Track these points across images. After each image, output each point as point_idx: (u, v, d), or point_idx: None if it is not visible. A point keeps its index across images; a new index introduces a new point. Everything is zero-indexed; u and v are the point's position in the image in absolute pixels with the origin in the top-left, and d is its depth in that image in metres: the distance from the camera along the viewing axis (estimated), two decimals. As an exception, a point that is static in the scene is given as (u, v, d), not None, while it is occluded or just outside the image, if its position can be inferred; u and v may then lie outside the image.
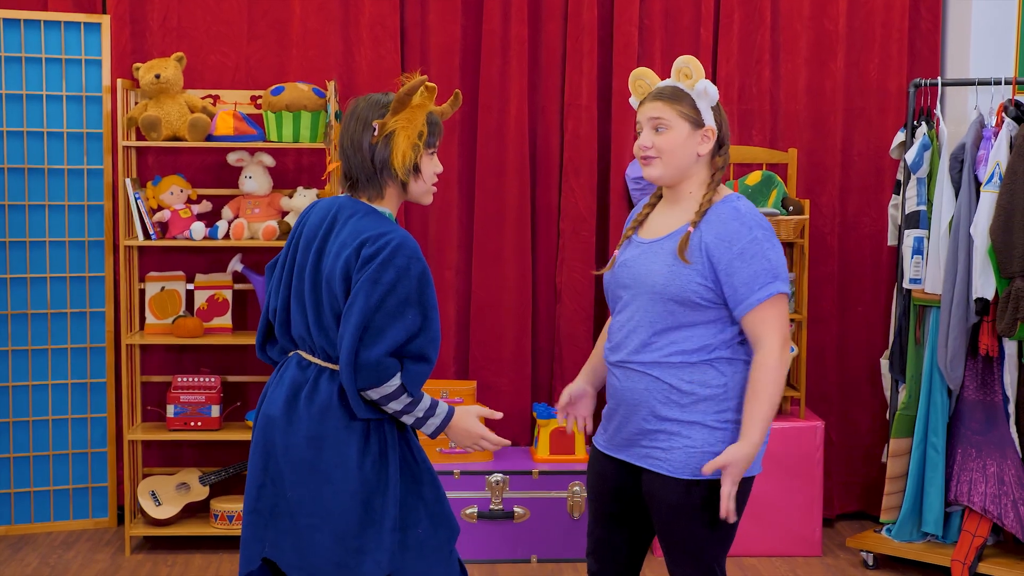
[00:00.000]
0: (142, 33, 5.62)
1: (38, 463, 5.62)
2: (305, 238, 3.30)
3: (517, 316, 5.77)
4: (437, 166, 3.33)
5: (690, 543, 3.27)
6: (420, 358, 3.21)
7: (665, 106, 3.27)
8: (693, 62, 3.27)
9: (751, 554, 5.42)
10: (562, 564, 5.31)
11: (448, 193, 5.75)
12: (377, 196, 3.27)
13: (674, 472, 3.23)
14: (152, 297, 5.53)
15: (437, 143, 3.31)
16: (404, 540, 3.26)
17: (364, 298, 3.11)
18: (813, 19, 5.83)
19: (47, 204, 5.56)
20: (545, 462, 5.43)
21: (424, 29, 5.71)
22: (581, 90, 5.69)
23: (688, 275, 3.19)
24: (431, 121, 3.28)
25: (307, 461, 3.22)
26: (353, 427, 3.21)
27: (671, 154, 3.26)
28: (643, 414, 3.26)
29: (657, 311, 3.23)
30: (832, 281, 5.89)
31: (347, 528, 3.20)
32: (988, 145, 4.99)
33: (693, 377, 3.23)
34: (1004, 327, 4.82)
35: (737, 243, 3.18)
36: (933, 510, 5.20)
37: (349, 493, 3.19)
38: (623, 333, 3.31)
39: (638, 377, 3.27)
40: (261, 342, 3.47)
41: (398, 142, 3.21)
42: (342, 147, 3.28)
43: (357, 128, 3.25)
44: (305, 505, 3.23)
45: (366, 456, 3.22)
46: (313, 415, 3.22)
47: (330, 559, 3.22)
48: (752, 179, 5.55)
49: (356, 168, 3.26)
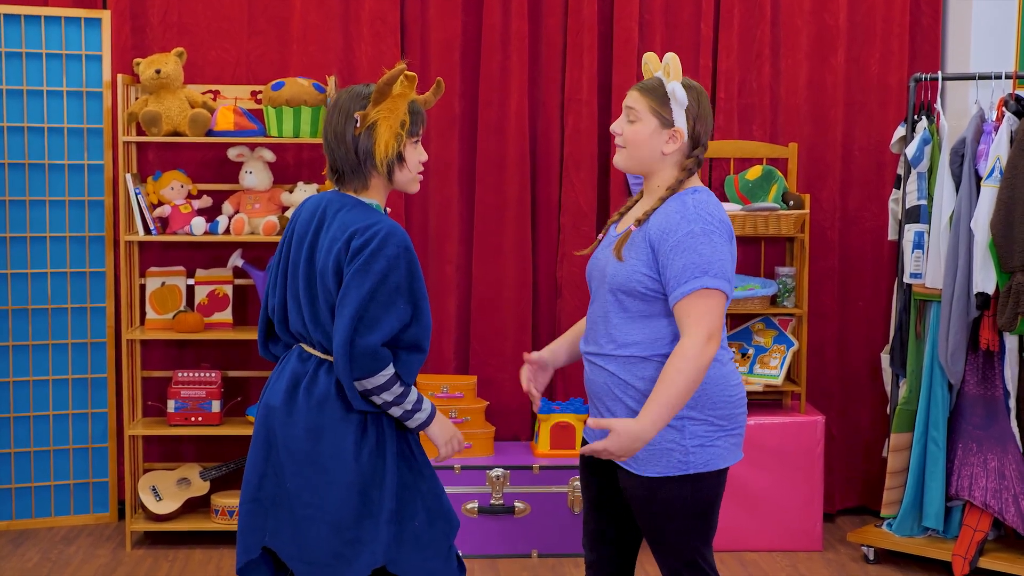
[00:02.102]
0: (142, 28, 5.62)
1: (39, 458, 5.62)
2: (297, 235, 3.33)
3: (517, 311, 5.77)
4: (422, 154, 3.35)
5: (668, 537, 3.29)
6: (414, 347, 3.24)
7: (640, 97, 3.27)
8: (674, 62, 3.24)
9: (752, 549, 5.42)
10: (563, 559, 5.31)
11: (448, 188, 5.75)
12: (363, 188, 3.30)
13: (639, 470, 3.25)
14: (152, 292, 5.53)
15: (421, 131, 3.33)
16: (400, 533, 3.28)
17: (356, 288, 3.14)
18: (814, 14, 5.82)
19: (47, 199, 5.56)
20: (546, 457, 5.43)
21: (424, 24, 5.71)
22: (581, 85, 5.69)
23: (633, 266, 3.22)
24: (413, 110, 3.30)
25: (305, 452, 3.25)
26: (350, 419, 3.24)
27: (635, 146, 3.28)
28: (607, 406, 3.29)
29: (610, 303, 3.26)
30: (833, 276, 5.89)
31: (344, 519, 3.22)
32: (988, 140, 4.99)
33: (645, 374, 3.22)
34: (1005, 322, 4.82)
35: (673, 236, 3.17)
36: (934, 505, 5.20)
37: (346, 484, 3.22)
38: (590, 325, 3.37)
39: (598, 371, 3.31)
40: (263, 340, 3.50)
41: (380, 132, 3.23)
42: (326, 140, 3.30)
43: (340, 120, 3.27)
44: (302, 496, 3.25)
45: (363, 447, 3.24)
46: (312, 406, 3.25)
47: (327, 550, 3.24)
48: (752, 174, 5.55)
49: (341, 160, 3.28)
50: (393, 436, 3.29)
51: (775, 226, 5.37)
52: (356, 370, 3.16)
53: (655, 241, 3.20)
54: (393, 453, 3.28)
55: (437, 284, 5.78)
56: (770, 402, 5.63)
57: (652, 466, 3.22)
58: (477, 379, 5.64)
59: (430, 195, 5.75)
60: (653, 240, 3.20)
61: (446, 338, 5.79)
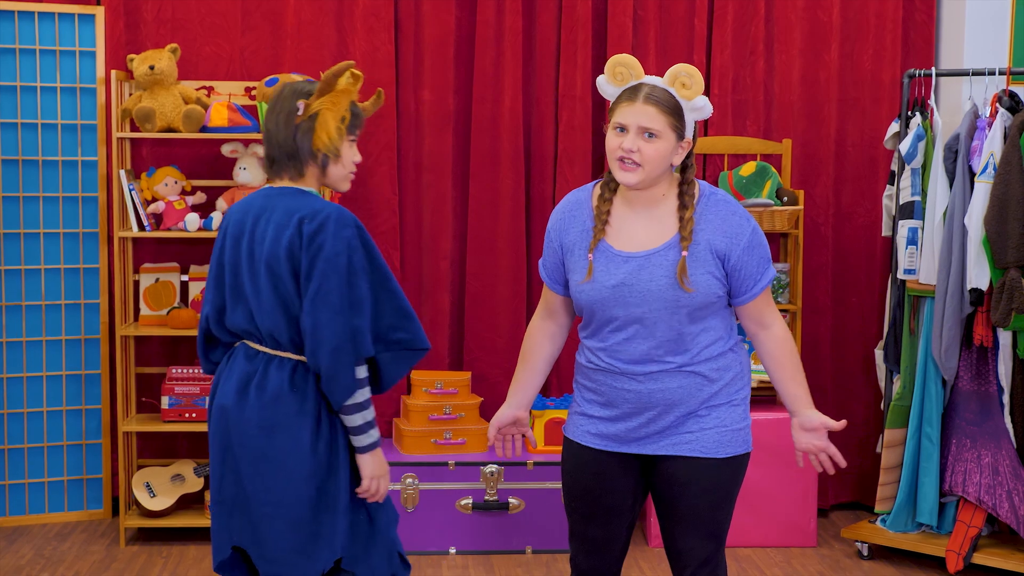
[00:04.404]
0: (136, 24, 5.61)
1: (33, 455, 5.62)
2: (231, 237, 3.32)
3: (512, 307, 5.77)
4: (356, 155, 3.36)
5: (715, 519, 3.33)
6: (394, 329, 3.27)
7: (660, 115, 3.17)
8: (695, 75, 3.18)
9: (746, 545, 5.43)
10: (557, 555, 5.31)
11: (443, 184, 5.75)
12: (298, 176, 3.30)
13: (707, 452, 3.28)
14: (147, 288, 5.53)
15: (358, 133, 3.34)
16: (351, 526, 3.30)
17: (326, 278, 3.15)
18: (807, 10, 5.83)
19: (41, 196, 5.55)
20: (540, 453, 5.43)
21: (418, 20, 5.71)
22: (575, 81, 5.69)
23: (706, 281, 3.22)
24: (354, 111, 3.31)
25: (260, 449, 3.25)
26: (305, 411, 3.24)
27: (654, 164, 3.19)
28: (674, 410, 3.29)
29: (675, 319, 3.24)
30: (826, 272, 5.90)
31: (302, 515, 3.24)
32: (982, 136, 4.99)
33: (719, 364, 3.30)
34: (999, 317, 4.82)
35: (743, 236, 3.24)
36: (928, 500, 5.20)
37: (303, 479, 3.23)
38: (632, 344, 3.27)
39: (668, 378, 3.27)
40: (204, 353, 3.47)
41: (323, 121, 3.24)
42: (266, 129, 3.30)
43: (282, 109, 3.27)
44: (260, 495, 3.26)
45: (319, 440, 3.24)
46: (265, 403, 3.24)
47: (287, 547, 3.25)
48: (746, 170, 5.55)
49: (277, 148, 3.28)
50: (343, 428, 3.29)
51: (769, 222, 5.38)
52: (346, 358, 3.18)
53: (720, 246, 3.22)
54: (345, 446, 3.29)
55: (431, 280, 5.78)
56: (764, 398, 5.63)
57: (724, 447, 3.29)
58: (471, 375, 5.64)
59: (424, 191, 5.75)
60: (718, 247, 3.22)
61: (440, 334, 5.79)
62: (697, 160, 5.78)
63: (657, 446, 3.32)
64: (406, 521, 5.26)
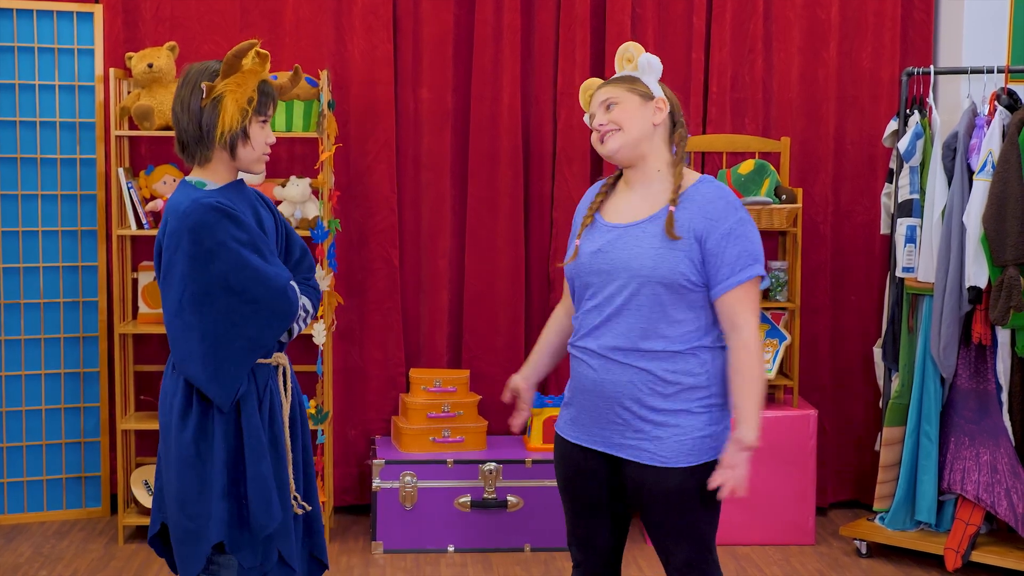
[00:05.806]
0: (135, 22, 5.61)
1: (31, 453, 5.62)
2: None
3: (510, 305, 5.77)
4: (269, 136, 3.32)
5: (692, 525, 3.28)
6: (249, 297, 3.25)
7: (611, 87, 3.30)
8: (632, 44, 3.33)
9: (744, 543, 5.43)
10: (555, 553, 5.31)
11: (441, 182, 5.75)
12: (205, 160, 3.29)
13: (668, 462, 3.21)
14: (145, 286, 5.53)
15: (270, 112, 3.30)
16: (235, 512, 3.28)
17: (185, 267, 3.19)
18: (806, 7, 5.83)
19: (40, 193, 5.55)
20: (538, 451, 5.43)
21: (417, 18, 5.71)
22: (574, 79, 5.68)
23: (677, 257, 3.17)
24: (264, 90, 3.27)
25: (163, 429, 3.33)
26: (177, 389, 3.26)
27: (628, 122, 3.25)
28: (625, 405, 3.23)
29: (641, 298, 3.20)
30: (825, 270, 5.90)
31: (187, 494, 3.24)
32: (981, 134, 5.00)
33: (677, 367, 3.21)
34: (997, 316, 4.82)
35: (725, 222, 3.18)
36: (926, 498, 5.21)
37: (181, 459, 3.24)
38: (598, 321, 3.26)
39: (621, 369, 3.23)
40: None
41: (226, 105, 3.21)
42: (174, 112, 3.29)
43: (187, 91, 3.25)
44: (161, 475, 3.36)
45: (187, 420, 3.24)
46: (166, 387, 3.32)
47: (180, 527, 3.27)
48: (745, 168, 5.55)
49: (184, 132, 3.27)
50: (217, 414, 3.26)
51: (767, 220, 5.38)
52: (287, 318, 3.27)
53: (700, 227, 3.18)
54: (221, 426, 3.25)
55: (430, 278, 5.78)
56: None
57: (686, 455, 3.21)
58: (470, 373, 5.64)
59: (423, 189, 5.75)
60: (697, 227, 3.18)
61: (439, 332, 5.79)
62: (696, 158, 5.79)
63: (610, 445, 3.29)
64: (405, 519, 5.26)
